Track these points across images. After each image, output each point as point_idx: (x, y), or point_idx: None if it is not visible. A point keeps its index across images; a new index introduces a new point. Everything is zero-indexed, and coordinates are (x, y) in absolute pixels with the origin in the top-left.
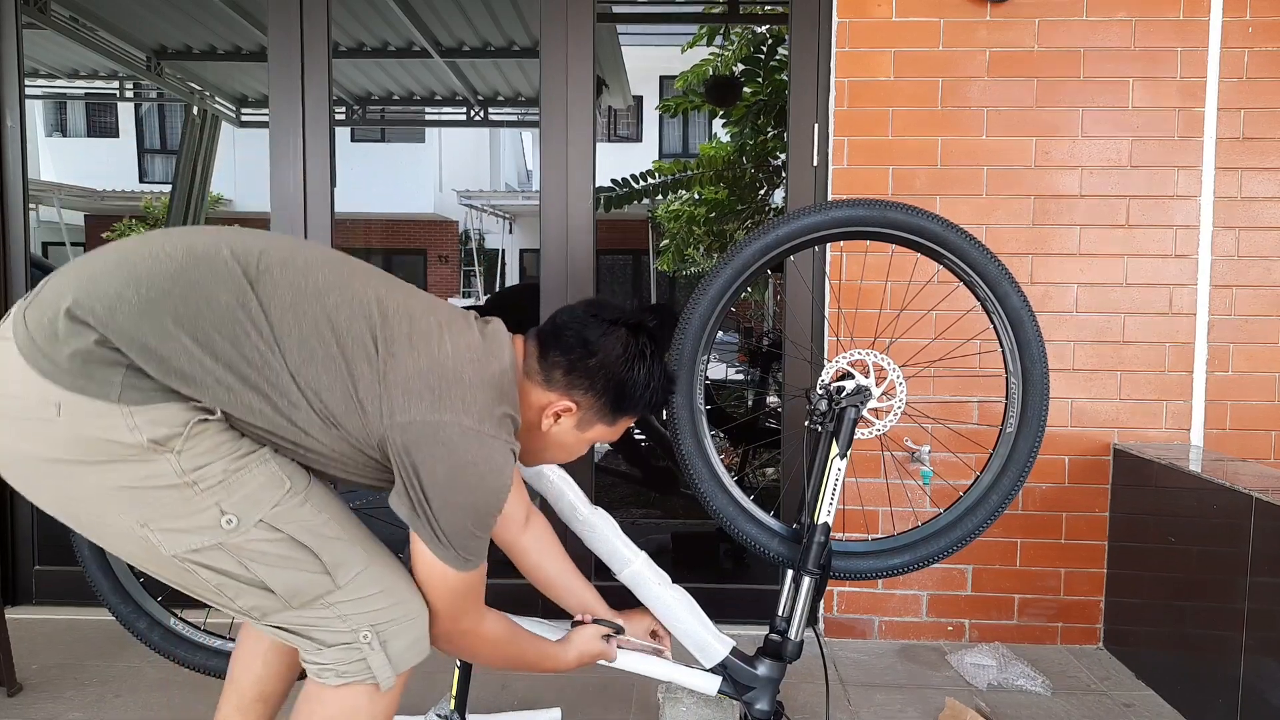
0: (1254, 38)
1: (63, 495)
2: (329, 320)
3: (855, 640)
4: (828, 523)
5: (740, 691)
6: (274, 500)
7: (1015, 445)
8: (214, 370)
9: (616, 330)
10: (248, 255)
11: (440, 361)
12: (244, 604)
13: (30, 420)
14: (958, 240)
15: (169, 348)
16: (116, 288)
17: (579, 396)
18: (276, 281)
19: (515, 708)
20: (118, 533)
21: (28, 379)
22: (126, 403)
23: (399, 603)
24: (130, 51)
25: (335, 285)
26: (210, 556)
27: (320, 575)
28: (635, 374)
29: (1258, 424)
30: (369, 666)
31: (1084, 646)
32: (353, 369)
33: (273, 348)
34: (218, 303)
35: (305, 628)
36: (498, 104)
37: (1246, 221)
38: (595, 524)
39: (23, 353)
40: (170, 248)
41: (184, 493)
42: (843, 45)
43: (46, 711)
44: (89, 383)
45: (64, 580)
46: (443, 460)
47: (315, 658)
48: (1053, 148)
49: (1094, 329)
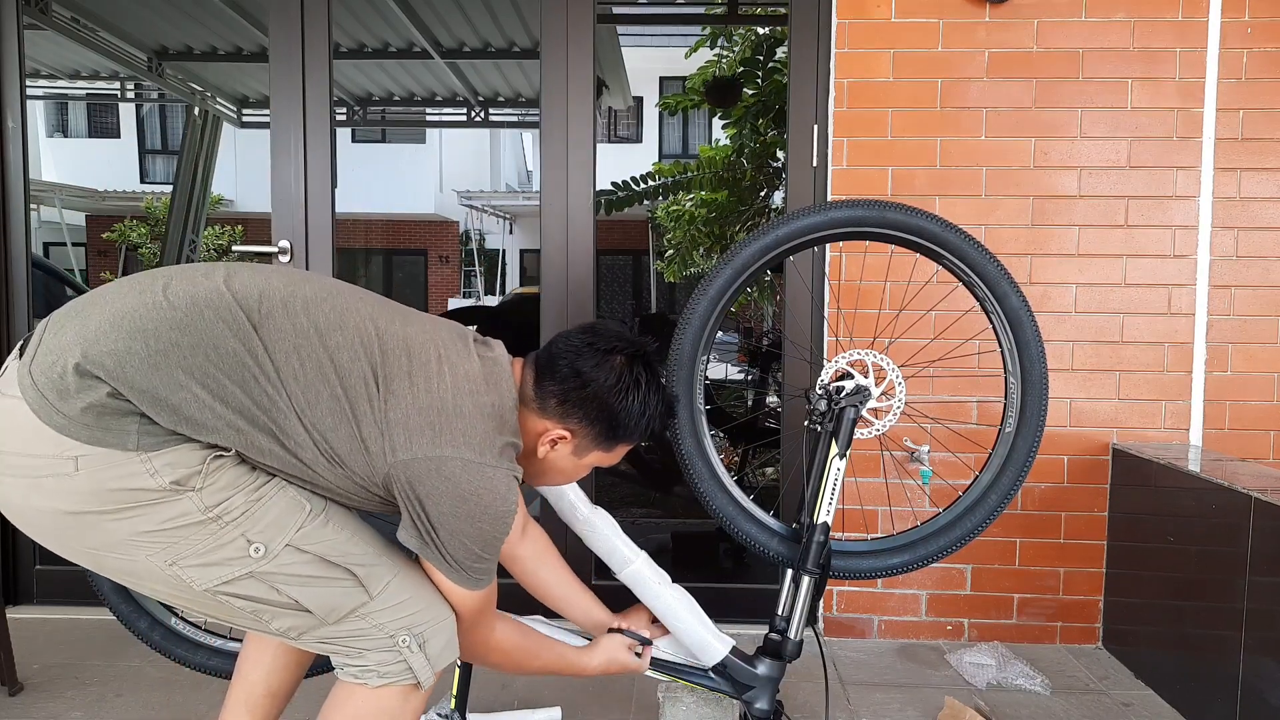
0: (1253, 38)
1: (88, 545)
2: (331, 361)
3: (855, 639)
4: (827, 522)
5: (740, 690)
6: (298, 524)
7: (1014, 445)
8: (225, 415)
9: (611, 359)
10: (248, 299)
11: (440, 396)
12: (281, 626)
13: (47, 476)
14: (957, 240)
15: (180, 397)
16: (124, 341)
17: (573, 425)
18: (279, 325)
19: (515, 707)
20: (147, 573)
21: (42, 435)
22: (144, 449)
23: (430, 605)
24: (131, 52)
25: (336, 325)
26: (243, 586)
27: (354, 589)
28: (629, 403)
29: (1257, 424)
30: (410, 667)
31: (1083, 646)
32: (355, 409)
33: (279, 390)
34: (225, 350)
35: (345, 640)
36: (498, 105)
37: (1245, 222)
38: (595, 523)
39: (34, 409)
40: (173, 296)
41: (209, 528)
42: (842, 46)
43: (47, 711)
44: (105, 434)
45: (65, 580)
46: (446, 494)
47: (356, 662)
48: (1052, 148)
49: (1093, 329)
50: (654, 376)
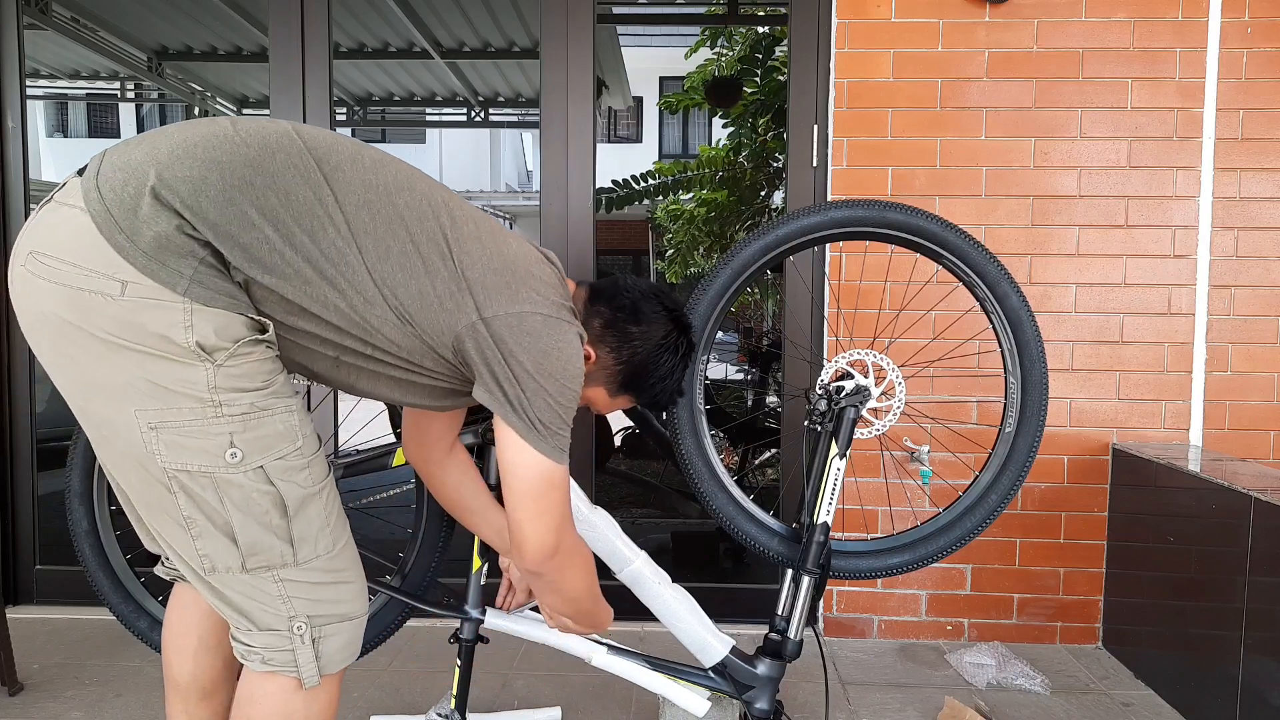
0: (1252, 39)
1: (86, 377)
2: (401, 219)
3: (854, 639)
4: (827, 522)
5: (740, 690)
6: (280, 452)
7: (1014, 445)
8: (294, 262)
9: (668, 319)
10: (319, 148)
11: (510, 259)
12: (203, 547)
13: (90, 292)
14: (957, 241)
15: (250, 236)
16: (200, 170)
17: (601, 352)
18: (349, 178)
19: (515, 707)
20: (124, 430)
21: (100, 249)
22: (191, 298)
23: (343, 600)
24: (131, 52)
25: (404, 186)
26: (199, 482)
27: (284, 544)
28: (660, 362)
29: (1256, 424)
30: (295, 660)
31: (1083, 646)
32: (429, 266)
33: (350, 243)
34: (297, 196)
35: (246, 598)
36: (498, 105)
37: (1245, 222)
38: (595, 523)
39: (98, 224)
40: (244, 133)
41: (206, 410)
42: (842, 46)
43: (47, 711)
44: (161, 269)
45: (65, 580)
46: (529, 349)
47: (246, 639)
48: (1052, 148)
49: (1093, 329)
50: (689, 355)
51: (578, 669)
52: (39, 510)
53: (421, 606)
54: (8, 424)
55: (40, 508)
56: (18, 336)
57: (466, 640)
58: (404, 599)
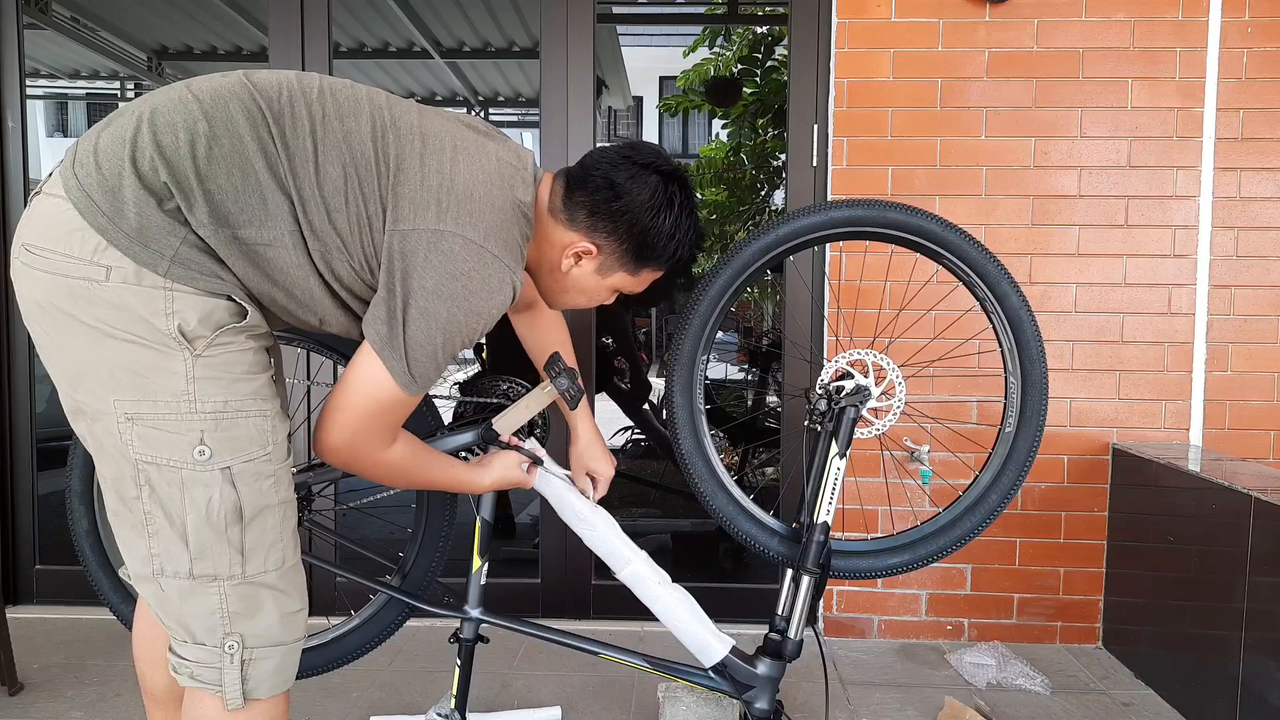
0: (1253, 38)
1: (76, 360)
2: (345, 142)
3: (854, 639)
4: (827, 522)
5: (740, 690)
6: (248, 455)
7: (1014, 445)
8: (249, 203)
9: (647, 175)
10: (269, 89)
11: (450, 177)
12: (155, 547)
13: (78, 279)
14: (957, 240)
15: (211, 186)
16: (167, 137)
17: (600, 240)
18: (297, 113)
19: (515, 707)
20: (106, 415)
21: (84, 237)
22: (172, 279)
23: (280, 626)
24: (131, 52)
25: (350, 111)
26: (165, 476)
27: (234, 553)
28: (660, 222)
29: (1257, 424)
30: (221, 679)
31: (1083, 646)
32: (364, 186)
33: (300, 174)
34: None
35: (187, 608)
36: (498, 105)
37: (1245, 221)
38: (595, 524)
39: (80, 209)
40: (197, 91)
41: (180, 406)
42: (842, 46)
43: (47, 710)
44: (143, 250)
45: (65, 579)
46: (435, 268)
47: (180, 650)
48: (1052, 148)
49: (1093, 329)
50: (688, 199)
51: (578, 669)
52: (39, 510)
53: (421, 606)
54: (8, 424)
55: (40, 508)
56: (18, 336)
57: (466, 640)
58: (404, 599)
